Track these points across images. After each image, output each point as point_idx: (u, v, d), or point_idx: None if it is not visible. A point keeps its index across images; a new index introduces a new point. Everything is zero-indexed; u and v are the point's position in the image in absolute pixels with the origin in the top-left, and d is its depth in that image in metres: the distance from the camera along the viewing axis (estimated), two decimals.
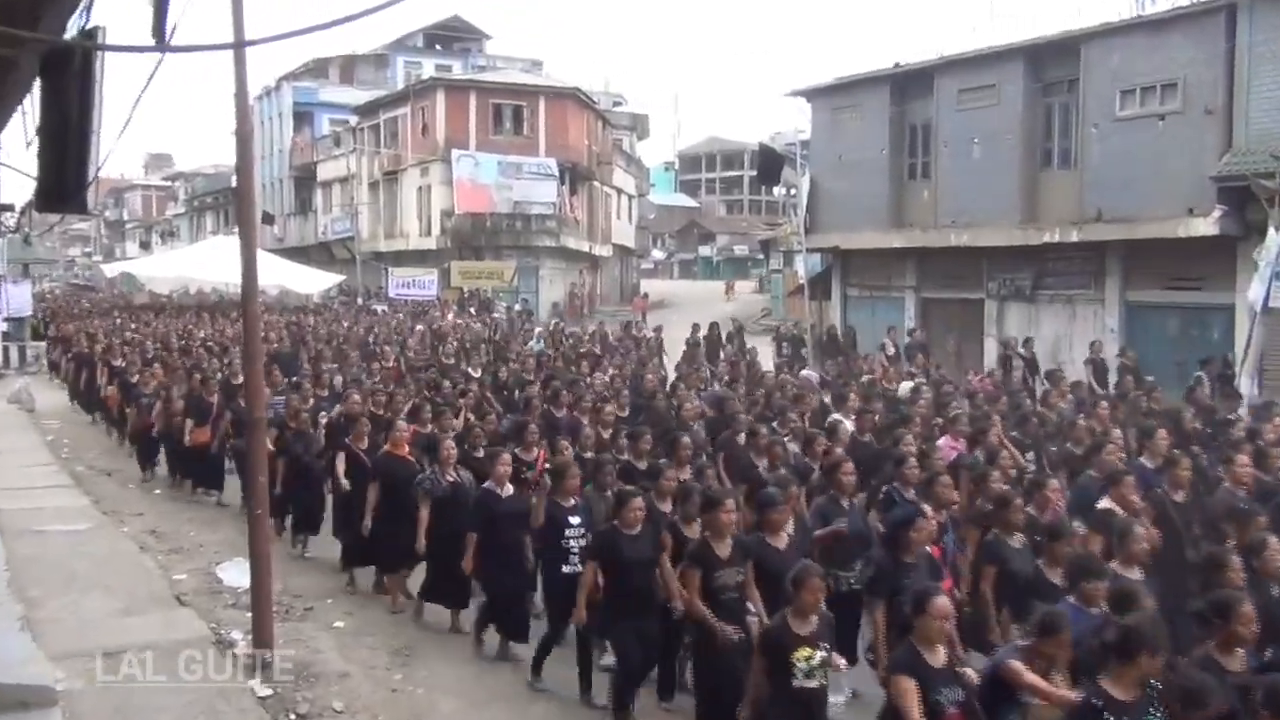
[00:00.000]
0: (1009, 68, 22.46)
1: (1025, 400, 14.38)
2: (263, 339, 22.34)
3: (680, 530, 7.74)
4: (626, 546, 7.43)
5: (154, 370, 16.94)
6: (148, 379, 16.43)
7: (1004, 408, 13.16)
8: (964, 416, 11.54)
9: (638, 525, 7.50)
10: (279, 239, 54.76)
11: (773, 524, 7.44)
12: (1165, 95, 19.58)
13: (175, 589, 9.97)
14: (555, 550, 8.23)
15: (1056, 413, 12.87)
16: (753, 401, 13.81)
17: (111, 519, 12.85)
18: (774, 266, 48.12)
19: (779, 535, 7.44)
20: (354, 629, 9.28)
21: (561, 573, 8.14)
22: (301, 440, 12.09)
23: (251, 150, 8.54)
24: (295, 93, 57.38)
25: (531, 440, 10.38)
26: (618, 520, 7.50)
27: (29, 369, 29.03)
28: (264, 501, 8.22)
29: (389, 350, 21.07)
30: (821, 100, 27.76)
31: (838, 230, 26.99)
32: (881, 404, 13.61)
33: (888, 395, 15.04)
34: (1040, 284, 22.75)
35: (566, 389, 13.70)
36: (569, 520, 8.24)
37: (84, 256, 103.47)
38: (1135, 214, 19.78)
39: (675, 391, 14.51)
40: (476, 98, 44.78)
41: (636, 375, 17.28)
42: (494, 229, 43.52)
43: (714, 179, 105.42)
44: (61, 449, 17.87)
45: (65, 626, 8.63)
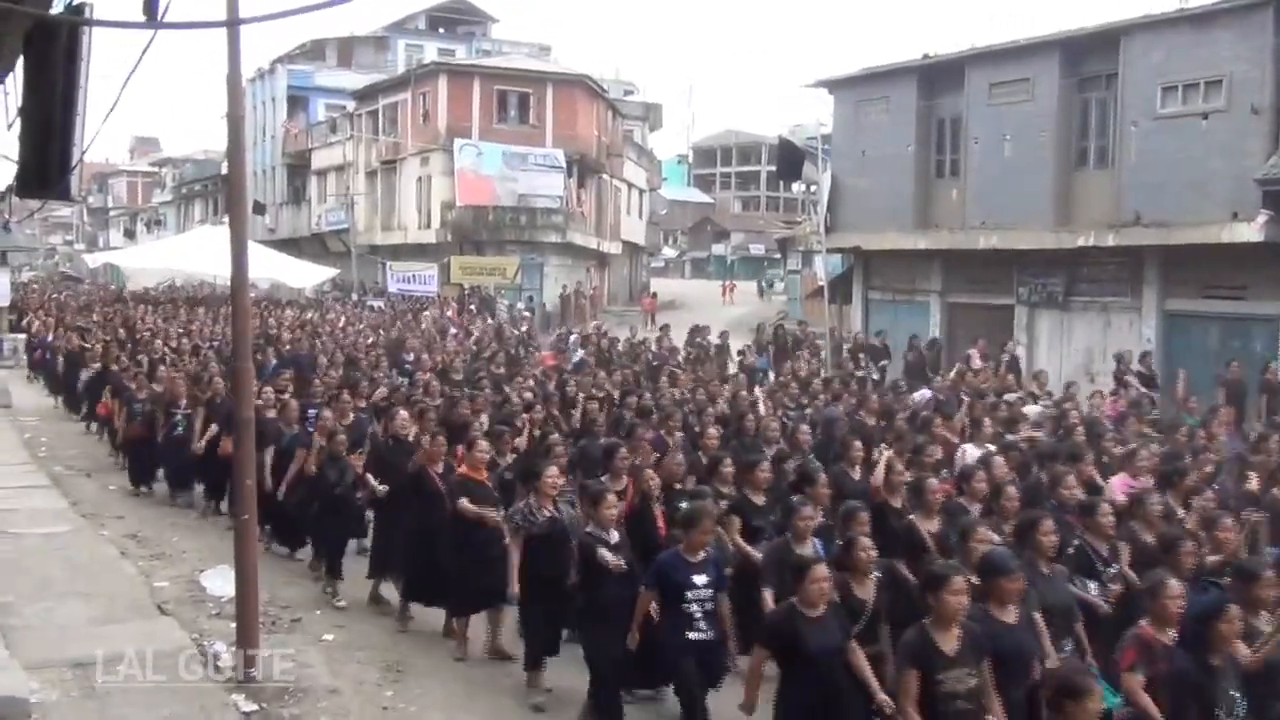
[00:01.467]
0: (1044, 61, 22.41)
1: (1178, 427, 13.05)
2: (274, 339, 22.90)
3: (852, 591, 6.79)
4: (812, 633, 6.23)
5: (165, 373, 16.28)
6: (142, 384, 15.89)
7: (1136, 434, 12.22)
8: (1144, 452, 10.43)
9: (822, 603, 6.33)
10: (270, 230, 54.92)
11: (1006, 594, 6.19)
12: (1209, 93, 19.52)
13: (156, 597, 9.95)
14: (675, 613, 7.25)
15: (1217, 445, 12.12)
16: (857, 425, 12.64)
17: (91, 522, 12.84)
18: (791, 267, 48.15)
19: (1007, 608, 6.20)
20: (344, 643, 9.27)
21: (686, 639, 7.16)
22: (336, 465, 10.92)
23: (243, 135, 8.53)
24: (290, 75, 57.51)
25: (621, 468, 9.31)
26: (797, 597, 6.34)
27: (6, 362, 29.10)
28: (251, 506, 8.20)
29: (427, 359, 19.78)
30: (845, 92, 27.73)
31: (860, 230, 26.96)
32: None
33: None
34: (1073, 290, 22.71)
35: (654, 407, 12.83)
36: (693, 580, 7.23)
37: (65, 245, 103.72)
38: (1175, 218, 19.72)
39: (751, 410, 13.12)
40: (481, 84, 44.79)
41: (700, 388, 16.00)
42: (497, 223, 43.49)
43: (729, 173, 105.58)
44: (39, 448, 17.89)
45: (41, 635, 8.62)
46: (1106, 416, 14.18)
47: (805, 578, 6.33)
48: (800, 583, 6.35)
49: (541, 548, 8.22)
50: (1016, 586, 6.22)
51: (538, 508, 8.32)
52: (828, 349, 24.84)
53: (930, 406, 14.74)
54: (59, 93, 6.06)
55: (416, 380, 16.32)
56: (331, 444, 11.01)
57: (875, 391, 17.03)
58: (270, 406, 12.97)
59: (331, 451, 10.96)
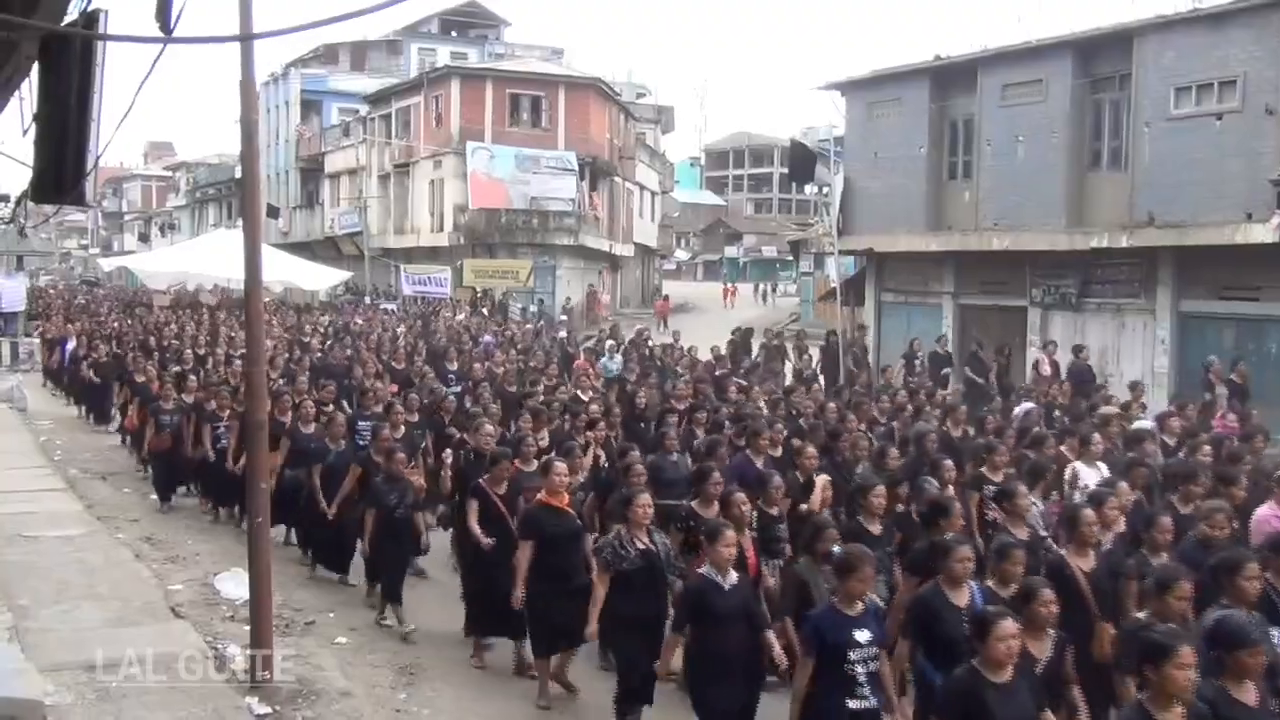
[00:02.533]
0: (1057, 62, 22.34)
1: None
2: (302, 345, 22.75)
3: (1027, 650, 5.74)
4: (1001, 703, 5.34)
5: (189, 384, 15.58)
6: (169, 394, 15.18)
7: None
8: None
9: (1010, 665, 5.42)
10: (284, 233, 55.07)
11: (1246, 669, 5.18)
12: (1223, 93, 19.44)
13: (171, 600, 10.01)
14: (834, 677, 6.14)
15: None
16: (950, 441, 11.63)
17: (105, 525, 12.93)
18: (804, 269, 48.13)
19: (1245, 685, 5.19)
20: (357, 645, 9.32)
21: (846, 708, 6.13)
22: (396, 487, 10.16)
23: (257, 140, 8.58)
24: (303, 80, 57.79)
25: (714, 492, 8.40)
26: (981, 657, 5.40)
27: (21, 366, 29.26)
28: (264, 509, 8.24)
29: (479, 369, 18.28)
30: (857, 94, 27.69)
31: (872, 232, 26.91)
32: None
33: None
34: (1087, 292, 22.63)
35: (731, 421, 12.02)
36: (854, 636, 6.16)
37: (80, 249, 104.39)
38: (1189, 219, 19.64)
39: (844, 425, 12.03)
40: (493, 87, 44.91)
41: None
42: (509, 226, 43.57)
43: (742, 176, 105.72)
44: (54, 451, 18.00)
45: (56, 637, 8.68)
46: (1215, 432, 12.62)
47: (990, 635, 5.37)
48: (984, 641, 5.38)
49: (634, 585, 7.58)
50: (1259, 660, 5.16)
51: (629, 540, 7.62)
52: (841, 351, 24.81)
53: (1041, 420, 13.52)
54: (74, 99, 6.08)
55: (473, 392, 15.38)
56: (391, 463, 10.27)
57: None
58: (310, 420, 12.57)
59: (391, 471, 10.21)
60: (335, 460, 11.54)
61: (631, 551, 7.59)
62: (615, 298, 50.07)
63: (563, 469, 8.64)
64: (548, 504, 8.46)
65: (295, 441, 12.25)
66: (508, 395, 15.25)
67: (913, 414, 13.87)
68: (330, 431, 11.91)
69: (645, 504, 7.81)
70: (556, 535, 8.33)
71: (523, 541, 8.34)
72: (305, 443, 12.12)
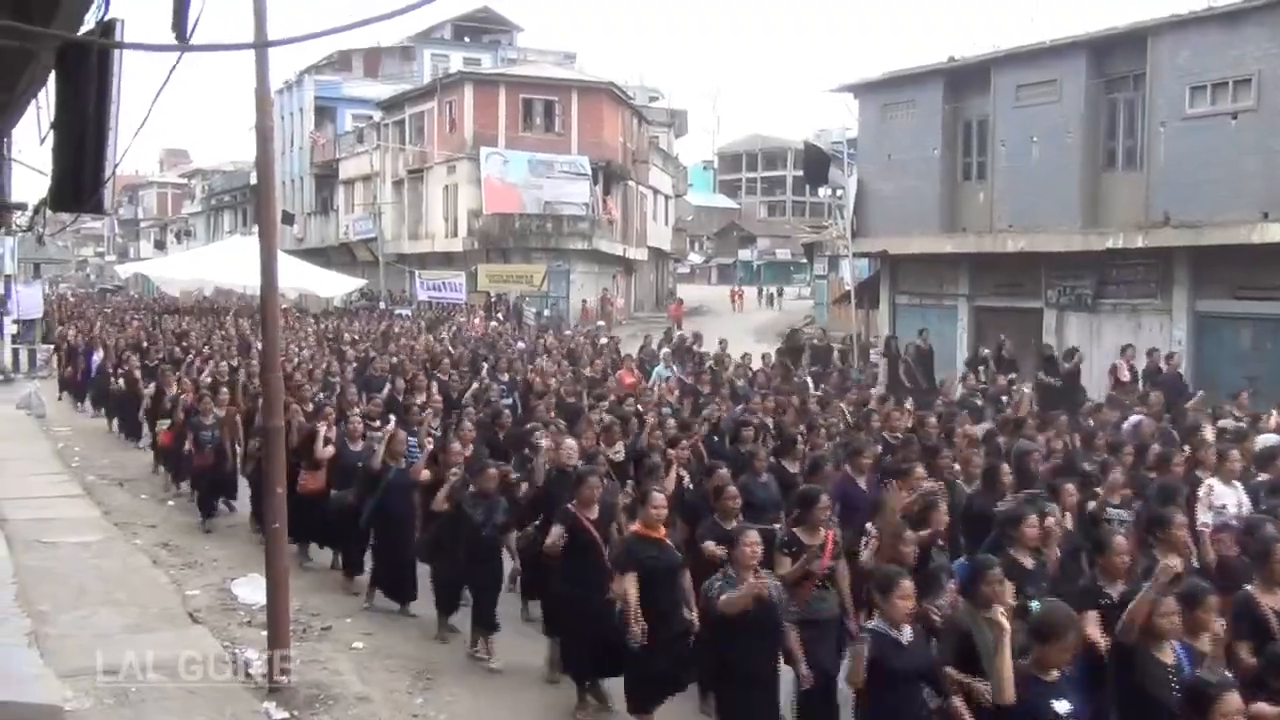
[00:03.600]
0: (1071, 62, 22.29)
1: None
2: (339, 353, 22.09)
3: None
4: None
5: (219, 398, 14.71)
6: (208, 408, 14.42)
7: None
8: None
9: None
10: (299, 239, 55.33)
11: None
12: (1238, 92, 19.37)
13: (188, 605, 10.07)
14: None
15: None
16: (1066, 462, 10.59)
17: (123, 531, 13.00)
18: (818, 272, 48.12)
19: None
20: (374, 650, 9.34)
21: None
22: (484, 504, 9.30)
23: (272, 147, 8.63)
24: (317, 86, 57.98)
25: (821, 519, 7.65)
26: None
27: (39, 373, 29.44)
28: (281, 515, 8.27)
29: (540, 382, 17.25)
30: (870, 96, 27.67)
31: (886, 234, 26.89)
32: None
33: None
34: (1102, 293, 22.55)
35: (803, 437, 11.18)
36: (1052, 708, 5.24)
37: (96, 256, 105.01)
38: (1205, 218, 19.57)
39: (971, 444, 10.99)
40: (506, 92, 45.04)
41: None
42: (523, 230, 43.69)
43: (755, 179, 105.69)
44: (72, 457, 18.11)
45: (75, 643, 8.72)
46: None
47: (1214, 712, 4.69)
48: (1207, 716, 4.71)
49: (745, 634, 6.66)
50: None
51: (737, 583, 6.64)
52: (854, 354, 24.83)
53: (1159, 438, 12.04)
54: (91, 108, 6.12)
55: (526, 403, 14.69)
56: (481, 479, 9.34)
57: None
58: (358, 436, 11.86)
59: (482, 486, 9.30)
60: (397, 479, 10.59)
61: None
62: (629, 301, 50.10)
63: (661, 500, 7.79)
64: (645, 535, 7.64)
65: (342, 459, 11.65)
66: (568, 407, 14.31)
67: (1013, 427, 12.57)
68: (392, 448, 10.81)
69: (754, 543, 6.81)
70: (656, 570, 7.51)
71: (622, 574, 7.50)
72: (353, 460, 11.47)
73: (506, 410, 13.76)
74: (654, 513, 7.66)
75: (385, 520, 10.50)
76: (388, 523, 10.49)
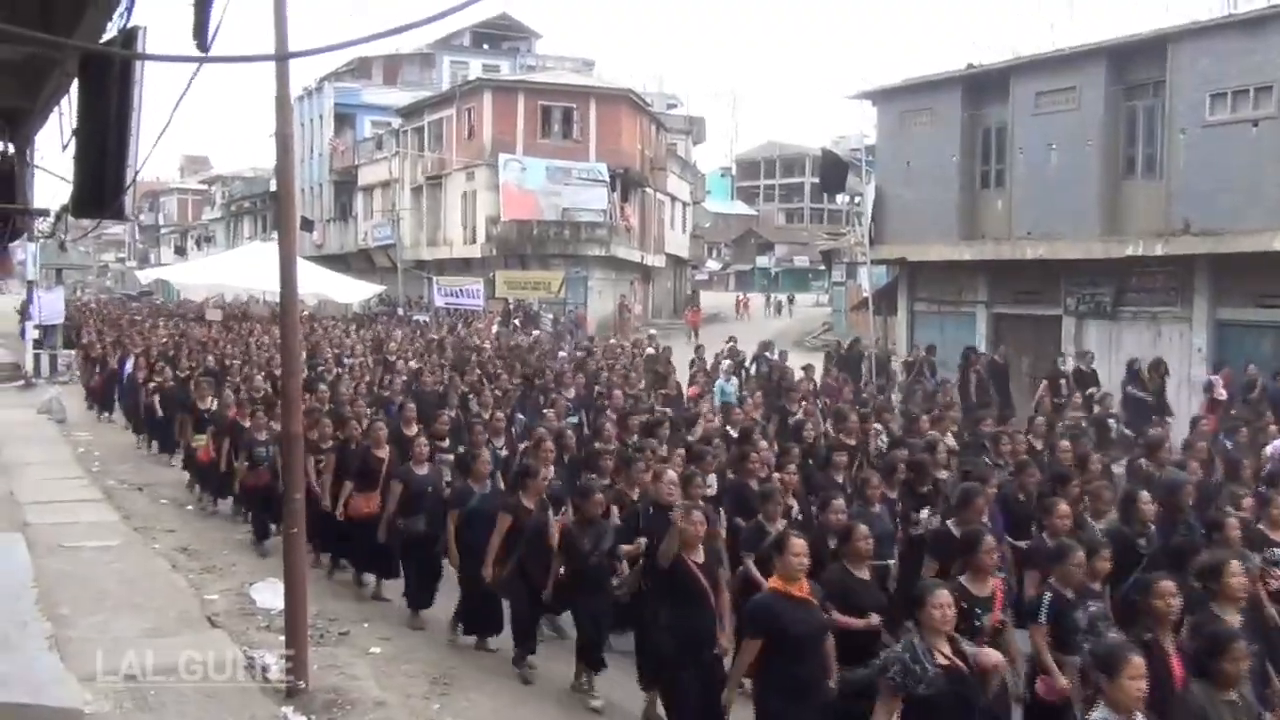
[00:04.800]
0: (1090, 69, 22.21)
1: None
2: (387, 364, 21.19)
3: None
4: None
5: (277, 412, 12.54)
6: (260, 424, 13.47)
7: None
8: None
9: None
10: (318, 245, 55.55)
11: None
12: (1259, 99, 19.27)
13: (207, 609, 10.09)
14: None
15: None
16: (1230, 494, 9.29)
17: (143, 535, 13.04)
18: (836, 279, 48.01)
19: None
20: (391, 655, 9.34)
21: None
22: (590, 531, 8.49)
23: (292, 154, 8.67)
24: (337, 94, 58.30)
25: (989, 565, 6.75)
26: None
27: (60, 378, 29.60)
28: (299, 520, 8.30)
29: (619, 397, 15.60)
30: (888, 103, 27.63)
31: (905, 241, 26.82)
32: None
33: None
34: (1122, 300, 22.44)
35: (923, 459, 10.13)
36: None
37: (118, 262, 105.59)
38: (1225, 226, 19.47)
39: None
40: (525, 99, 45.16)
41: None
42: (541, 237, 43.78)
43: (773, 186, 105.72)
44: (92, 462, 18.18)
45: (94, 647, 8.76)
46: None
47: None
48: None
49: (929, 711, 5.53)
50: None
51: (925, 652, 5.56)
52: (871, 362, 24.70)
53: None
54: (113, 116, 6.17)
55: (595, 424, 13.23)
56: (587, 504, 8.54)
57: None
58: (424, 459, 10.96)
59: (587, 513, 8.53)
60: (480, 505, 9.61)
61: (931, 669, 5.51)
62: (647, 308, 50.11)
63: (802, 547, 6.60)
64: (784, 592, 6.53)
65: (411, 485, 10.56)
66: (644, 426, 12.76)
67: (1146, 451, 11.41)
68: (475, 470, 9.96)
69: (945, 603, 5.72)
70: (800, 635, 6.44)
71: (750, 640, 6.52)
72: (422, 485, 10.59)
73: (571, 430, 12.74)
74: (795, 562, 6.49)
75: (467, 551, 9.47)
76: (470, 554, 9.41)
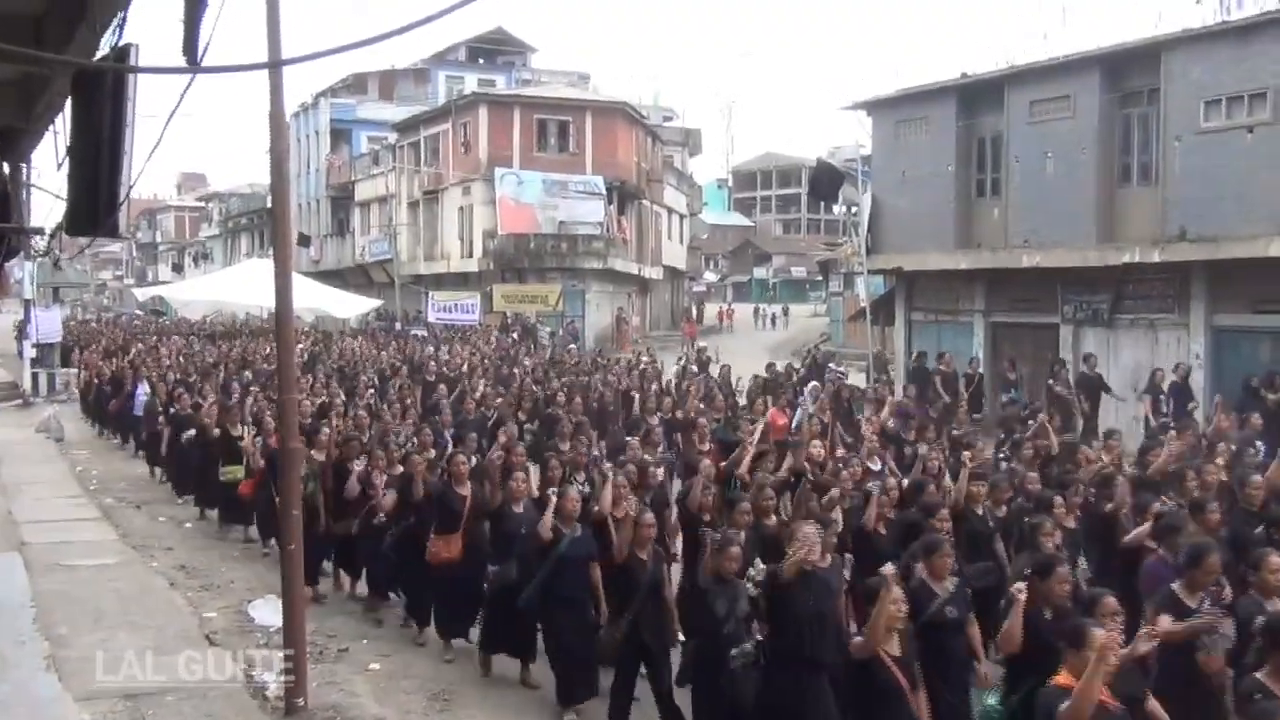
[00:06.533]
0: (1084, 78, 22.24)
1: None
2: (427, 384, 19.73)
3: None
4: None
5: (319, 439, 11.84)
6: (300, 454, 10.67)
7: None
8: None
9: None
10: (315, 261, 55.55)
11: None
12: (1253, 106, 19.29)
13: (205, 627, 10.07)
14: None
15: None
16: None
17: (141, 554, 13.03)
18: (833, 289, 48.11)
19: None
20: (390, 672, 9.32)
21: None
22: (725, 592, 7.09)
23: (287, 170, 8.66)
24: (333, 109, 58.33)
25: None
26: None
27: (58, 397, 29.58)
28: (297, 537, 8.27)
29: (704, 424, 13.70)
30: (883, 113, 27.67)
31: (901, 251, 26.83)
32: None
33: None
34: (1119, 307, 22.45)
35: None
36: None
37: (115, 280, 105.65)
38: (1221, 232, 19.48)
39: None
40: (521, 113, 45.25)
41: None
42: (538, 250, 43.77)
43: (769, 197, 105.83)
44: (90, 480, 18.16)
45: (92, 666, 8.73)
46: None
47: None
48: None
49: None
50: None
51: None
52: (869, 369, 24.69)
53: None
54: (106, 133, 6.17)
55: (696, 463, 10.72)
56: (723, 559, 7.15)
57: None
58: (521, 496, 9.55)
59: (722, 569, 7.15)
60: (570, 550, 8.39)
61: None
62: (645, 320, 50.14)
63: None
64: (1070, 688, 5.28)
65: (504, 524, 9.43)
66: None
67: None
68: (563, 508, 8.55)
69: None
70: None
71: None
72: (516, 525, 9.28)
73: (661, 469, 11.12)
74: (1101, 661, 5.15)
75: (557, 603, 8.37)
76: (560, 606, 8.37)
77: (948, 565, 6.99)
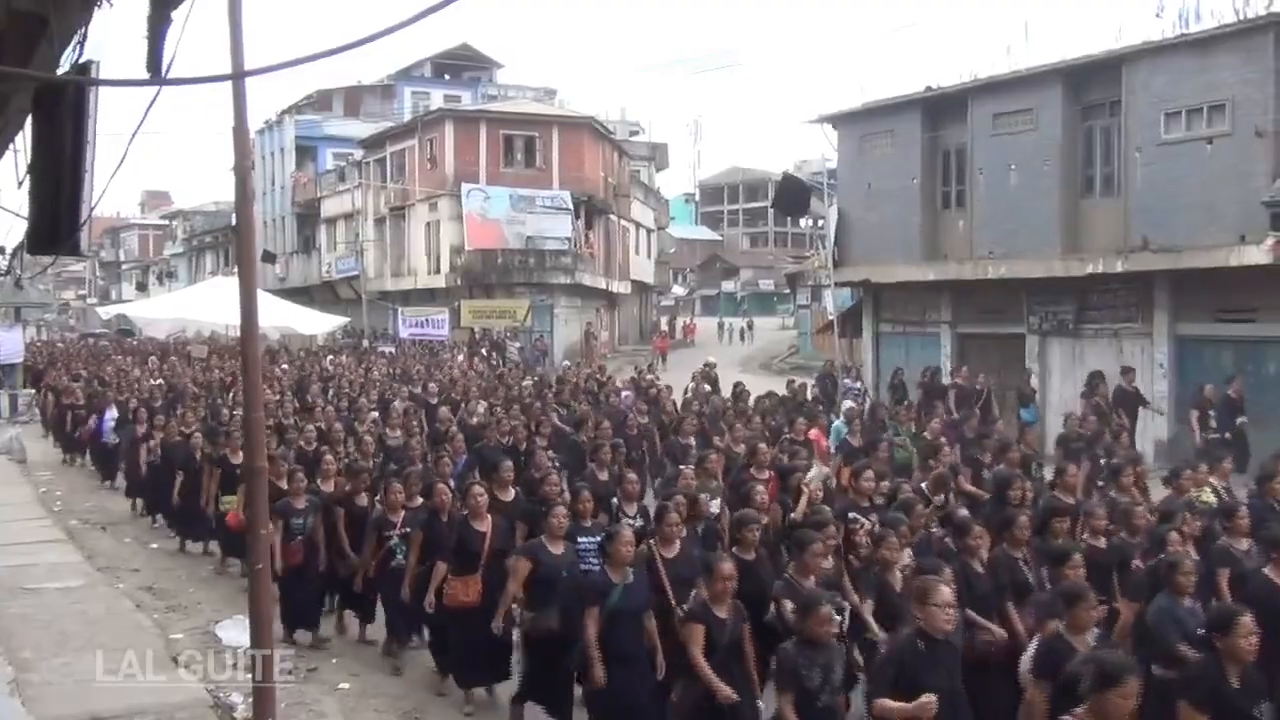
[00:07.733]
0: (1047, 90, 22.46)
1: None
2: (424, 405, 18.47)
3: None
4: None
5: (324, 469, 11.30)
6: (299, 487, 10.71)
7: None
8: None
9: None
10: (281, 279, 55.25)
11: None
12: (1213, 117, 19.53)
13: (172, 649, 9.95)
14: None
15: None
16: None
17: (106, 575, 12.89)
18: (801, 302, 48.30)
19: None
20: (360, 691, 9.25)
21: None
22: (818, 657, 6.15)
23: (251, 186, 8.59)
24: (298, 126, 58.18)
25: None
26: None
27: (20, 418, 29.22)
28: (265, 555, 8.18)
29: (764, 449, 11.89)
30: (849, 127, 27.82)
31: (868, 263, 26.98)
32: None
33: None
34: (1084, 317, 22.64)
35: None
36: None
37: (78, 299, 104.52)
38: (1183, 242, 19.68)
39: None
40: (487, 129, 45.23)
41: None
42: (506, 266, 43.74)
43: (736, 210, 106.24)
44: (54, 502, 17.96)
45: (58, 690, 8.61)
46: None
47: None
48: None
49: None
50: None
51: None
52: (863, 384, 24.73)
53: None
54: (68, 150, 6.09)
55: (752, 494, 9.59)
56: (813, 622, 6.15)
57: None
58: (559, 536, 8.38)
59: (815, 635, 6.17)
60: (623, 601, 7.38)
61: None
62: (613, 335, 50.15)
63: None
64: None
65: (543, 568, 8.20)
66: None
67: None
68: (614, 553, 7.47)
69: None
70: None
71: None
72: (554, 571, 8.19)
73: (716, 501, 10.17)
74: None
75: (611, 662, 7.27)
76: (614, 664, 7.28)
77: (1091, 617, 6.13)
